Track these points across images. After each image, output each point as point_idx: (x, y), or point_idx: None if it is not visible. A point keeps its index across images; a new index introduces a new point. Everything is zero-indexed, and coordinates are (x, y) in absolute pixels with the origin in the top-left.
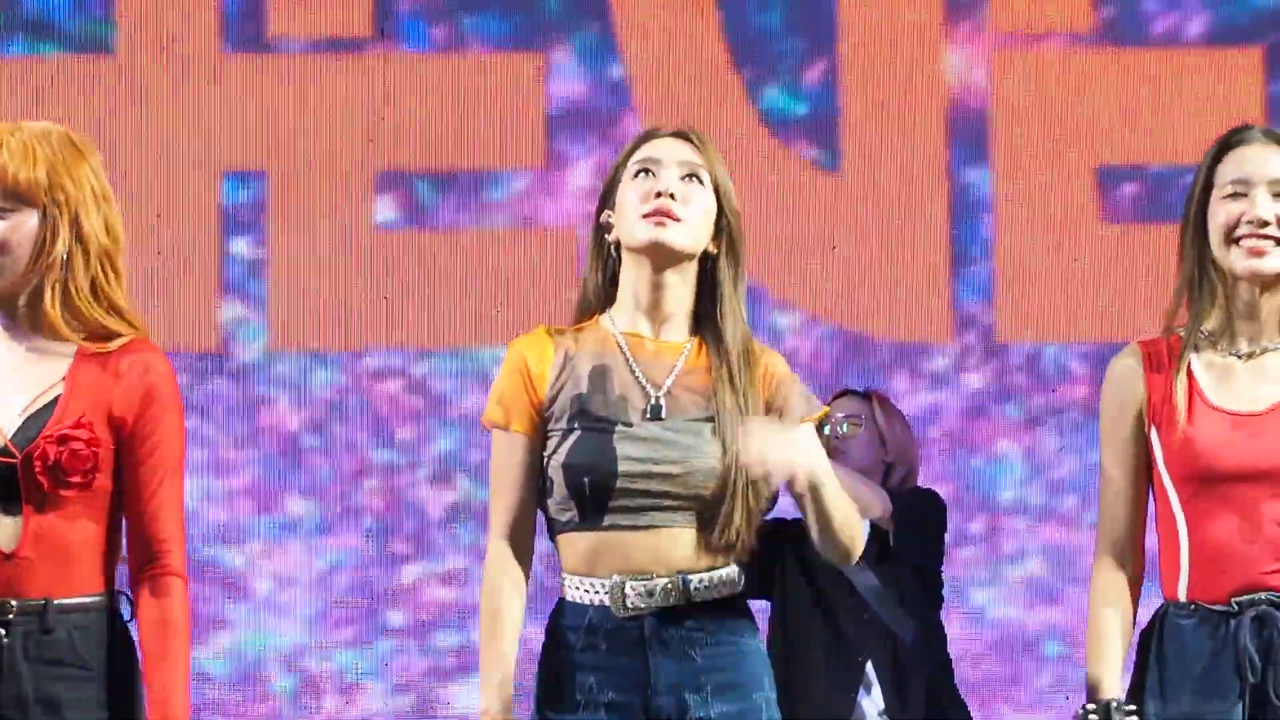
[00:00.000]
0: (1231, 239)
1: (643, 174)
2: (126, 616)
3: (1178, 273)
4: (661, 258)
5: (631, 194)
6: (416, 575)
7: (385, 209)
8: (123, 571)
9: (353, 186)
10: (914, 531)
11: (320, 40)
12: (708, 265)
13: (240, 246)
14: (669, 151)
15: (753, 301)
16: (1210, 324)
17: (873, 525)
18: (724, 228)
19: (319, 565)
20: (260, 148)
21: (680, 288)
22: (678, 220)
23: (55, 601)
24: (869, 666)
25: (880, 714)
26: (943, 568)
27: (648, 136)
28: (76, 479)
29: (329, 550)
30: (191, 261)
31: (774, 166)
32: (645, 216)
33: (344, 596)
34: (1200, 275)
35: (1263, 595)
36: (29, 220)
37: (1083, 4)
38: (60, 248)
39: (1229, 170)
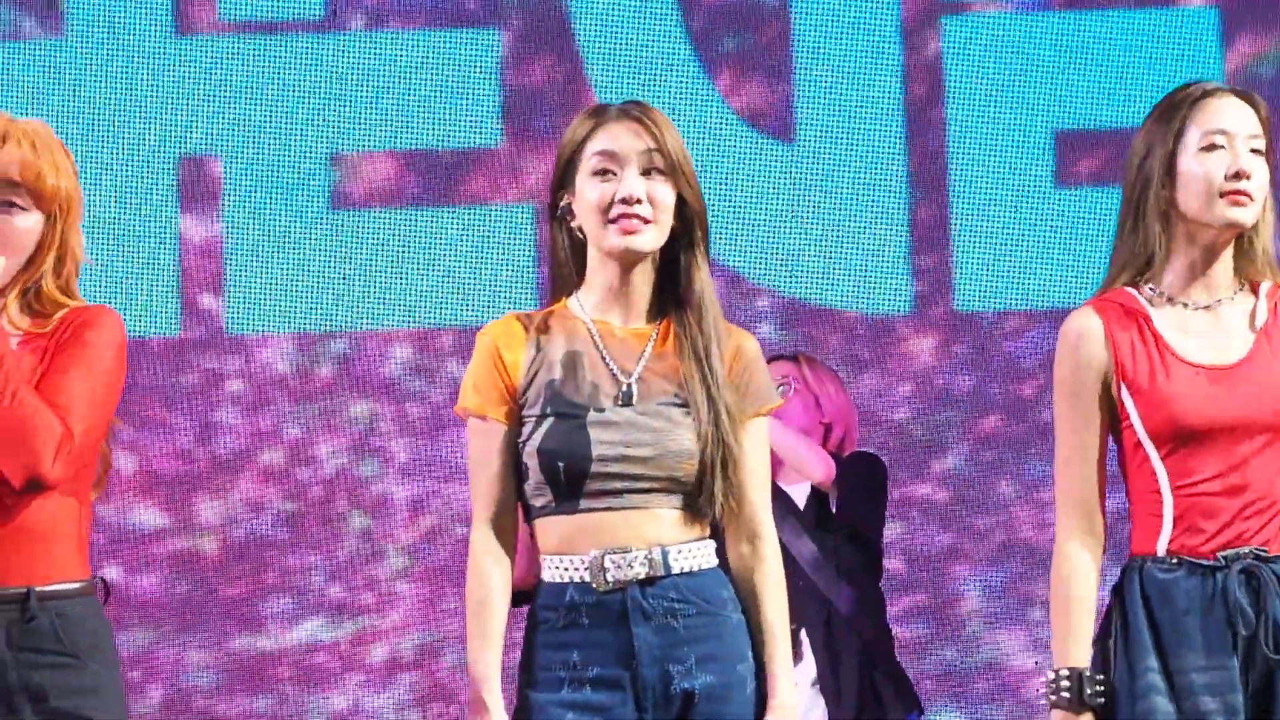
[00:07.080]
0: (1217, 191)
1: (602, 175)
2: (102, 600)
3: (1131, 229)
4: (632, 260)
5: (592, 195)
6: None
7: (342, 189)
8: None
9: (308, 167)
10: (858, 495)
11: (273, 22)
12: (670, 244)
13: (197, 229)
14: (627, 144)
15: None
16: (1165, 280)
17: (814, 489)
18: (684, 207)
19: None
20: (215, 130)
21: (647, 274)
22: (647, 223)
23: (37, 589)
24: (802, 635)
25: (812, 684)
26: (882, 535)
27: (599, 121)
28: None
29: None
30: (148, 245)
31: (727, 137)
32: (612, 222)
33: None
34: (1163, 231)
35: (1247, 550)
36: (37, 222)
37: None
38: (51, 255)
39: (1205, 121)
